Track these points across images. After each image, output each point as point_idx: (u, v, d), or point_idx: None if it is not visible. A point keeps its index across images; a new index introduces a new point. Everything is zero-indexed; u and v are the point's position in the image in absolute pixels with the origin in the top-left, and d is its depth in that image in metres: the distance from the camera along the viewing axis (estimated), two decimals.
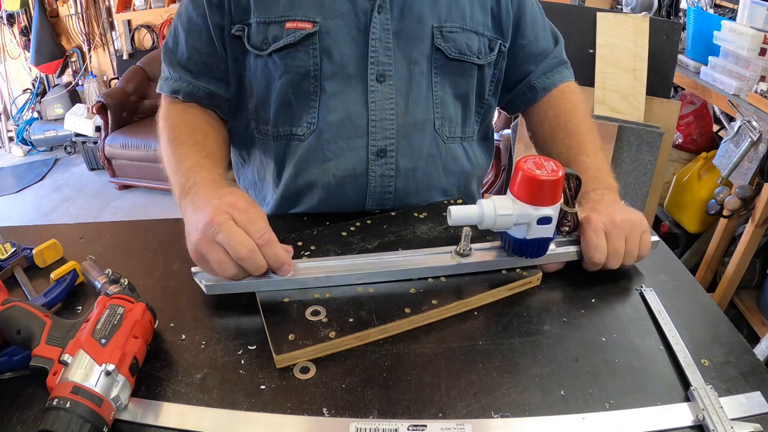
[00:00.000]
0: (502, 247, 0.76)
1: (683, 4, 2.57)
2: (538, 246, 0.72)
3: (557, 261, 0.77)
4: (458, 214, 0.68)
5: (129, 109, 3.73)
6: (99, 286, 0.69)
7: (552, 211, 0.68)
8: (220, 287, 0.69)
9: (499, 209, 0.67)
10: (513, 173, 0.68)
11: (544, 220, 0.68)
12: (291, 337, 0.62)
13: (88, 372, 0.52)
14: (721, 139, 2.11)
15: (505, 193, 0.71)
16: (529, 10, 0.96)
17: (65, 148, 4.32)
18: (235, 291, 0.69)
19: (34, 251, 0.77)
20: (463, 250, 0.74)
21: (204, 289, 0.68)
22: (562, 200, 0.70)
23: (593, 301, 0.73)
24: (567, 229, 0.76)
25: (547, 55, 0.99)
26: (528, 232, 0.69)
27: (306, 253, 0.77)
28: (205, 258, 0.65)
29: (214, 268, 0.65)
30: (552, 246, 0.77)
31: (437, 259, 0.74)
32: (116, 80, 4.17)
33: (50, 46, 4.21)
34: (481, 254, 0.75)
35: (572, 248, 0.77)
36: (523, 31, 0.96)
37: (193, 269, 0.70)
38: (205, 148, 0.83)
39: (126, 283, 0.69)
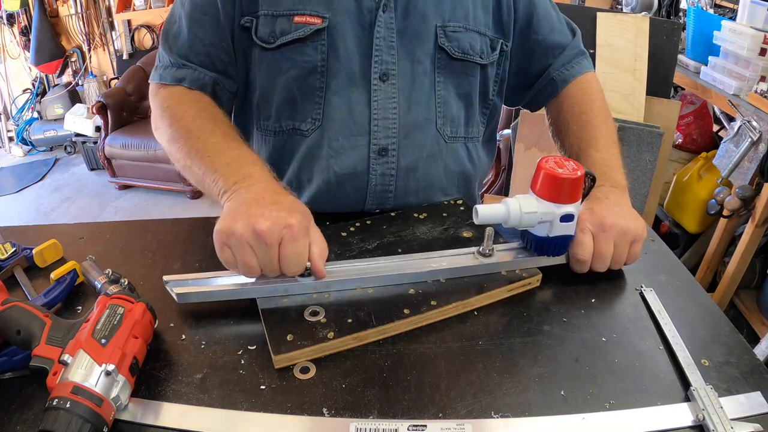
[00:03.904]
0: (522, 247, 0.77)
1: (683, 4, 2.57)
2: (560, 244, 0.73)
3: (535, 265, 0.76)
4: (485, 213, 0.70)
5: (129, 109, 3.73)
6: (99, 286, 0.69)
7: (573, 208, 0.70)
8: (191, 296, 0.68)
9: (524, 207, 0.70)
10: (534, 173, 0.70)
11: (566, 218, 0.70)
12: (289, 337, 0.62)
13: (88, 372, 0.52)
14: (721, 139, 2.12)
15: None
16: (540, 5, 0.95)
17: (65, 148, 4.32)
18: (207, 300, 0.68)
19: (34, 251, 0.77)
20: (486, 251, 0.75)
21: (175, 298, 0.67)
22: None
23: (593, 301, 0.73)
24: None
25: (565, 47, 0.98)
26: (551, 230, 0.71)
27: None
28: (230, 249, 0.64)
29: (239, 266, 0.65)
30: None
31: (459, 260, 0.75)
32: (116, 80, 4.16)
33: (50, 46, 4.21)
34: (503, 254, 0.76)
35: None
36: (537, 27, 0.95)
37: (165, 278, 0.69)
38: (236, 139, 0.80)
39: (126, 283, 0.69)
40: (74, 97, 4.39)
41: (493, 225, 0.73)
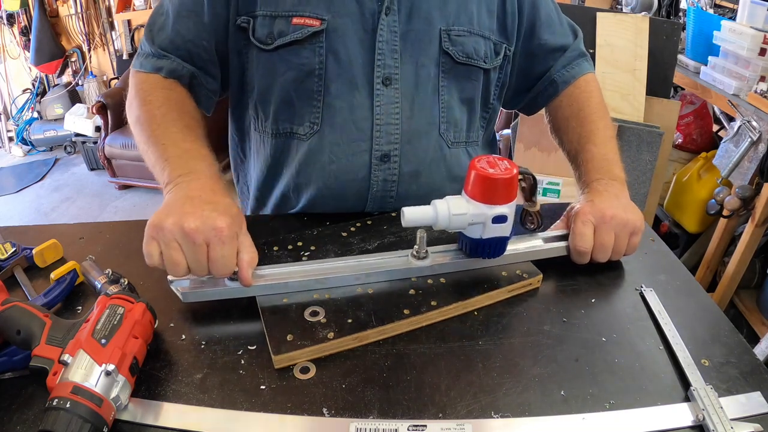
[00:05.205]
0: (459, 249, 0.75)
1: (683, 4, 2.57)
2: (495, 245, 0.71)
3: (535, 258, 0.77)
4: (412, 215, 0.67)
5: None
6: (99, 286, 0.69)
7: (507, 209, 0.68)
8: (195, 294, 0.68)
9: (453, 209, 0.67)
10: (467, 173, 0.68)
11: (499, 219, 0.68)
12: (289, 337, 0.62)
13: (88, 372, 0.52)
14: (721, 139, 2.12)
15: None
16: (543, 9, 0.95)
17: (65, 148, 4.32)
18: (210, 298, 0.68)
19: (34, 251, 0.77)
20: (420, 253, 0.73)
21: (180, 297, 0.68)
22: (518, 199, 0.70)
23: (593, 301, 0.73)
24: (532, 226, 0.78)
25: (566, 49, 0.98)
26: (484, 232, 0.69)
27: (306, 254, 0.77)
28: (157, 243, 0.64)
29: (165, 262, 0.64)
30: (539, 242, 0.78)
31: (393, 262, 0.73)
32: (116, 80, 4.16)
33: (50, 46, 4.20)
34: (439, 257, 0.74)
35: (562, 243, 0.78)
36: (539, 31, 0.96)
37: (170, 277, 0.69)
38: (196, 133, 0.81)
39: (126, 283, 0.69)
40: (74, 97, 4.39)
41: (424, 227, 0.71)
